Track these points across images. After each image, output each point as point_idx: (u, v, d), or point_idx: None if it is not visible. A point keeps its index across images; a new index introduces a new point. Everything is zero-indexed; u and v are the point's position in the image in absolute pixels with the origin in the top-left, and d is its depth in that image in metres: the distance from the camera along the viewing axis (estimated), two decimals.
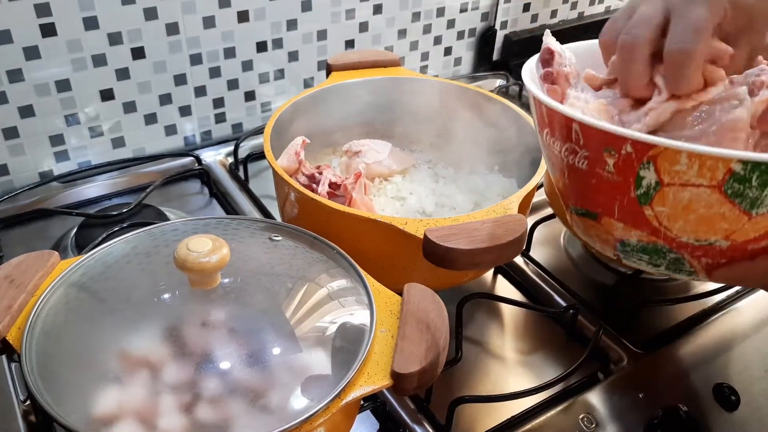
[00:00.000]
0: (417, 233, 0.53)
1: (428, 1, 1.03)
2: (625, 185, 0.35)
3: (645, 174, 0.34)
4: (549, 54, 0.45)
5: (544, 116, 0.40)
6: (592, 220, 0.40)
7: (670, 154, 0.33)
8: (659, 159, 0.33)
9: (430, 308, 0.47)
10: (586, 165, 0.37)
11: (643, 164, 0.34)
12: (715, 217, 0.34)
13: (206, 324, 0.45)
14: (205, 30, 0.86)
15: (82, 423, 0.39)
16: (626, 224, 0.38)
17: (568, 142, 0.38)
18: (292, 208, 0.63)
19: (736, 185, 0.32)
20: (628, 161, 0.34)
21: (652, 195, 0.35)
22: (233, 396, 0.41)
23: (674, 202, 0.34)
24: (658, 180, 0.34)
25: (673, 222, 0.35)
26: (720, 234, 0.35)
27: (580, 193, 0.40)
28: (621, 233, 0.38)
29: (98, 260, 0.51)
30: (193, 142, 0.94)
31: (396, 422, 0.56)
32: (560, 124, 0.38)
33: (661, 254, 0.38)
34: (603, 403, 0.57)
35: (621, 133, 0.34)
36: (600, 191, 0.38)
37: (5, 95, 0.77)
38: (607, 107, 0.42)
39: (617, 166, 0.35)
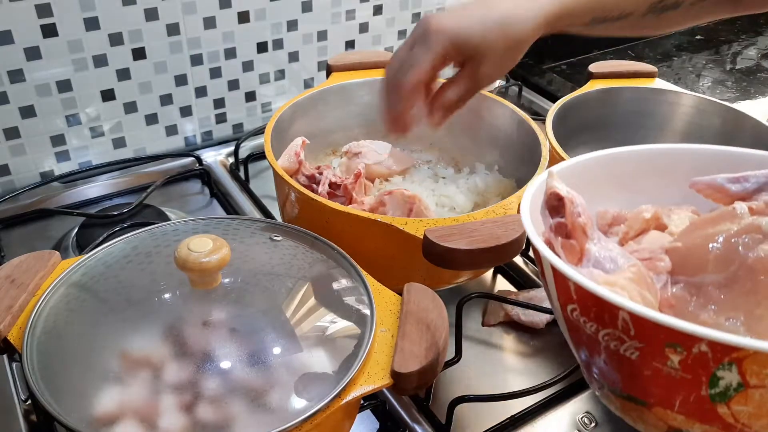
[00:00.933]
0: (417, 233, 0.53)
1: (428, 2, 1.03)
2: (695, 383, 0.30)
3: (724, 375, 0.29)
4: (558, 200, 0.37)
5: (571, 292, 0.33)
6: (640, 405, 0.34)
7: (761, 358, 0.27)
8: (746, 362, 0.28)
9: (430, 308, 0.47)
10: (638, 356, 0.31)
11: (723, 365, 0.28)
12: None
13: (207, 324, 0.45)
14: (205, 30, 0.86)
15: (83, 422, 0.39)
16: (689, 418, 0.32)
17: (611, 328, 0.31)
18: (292, 208, 0.63)
19: None
20: (701, 361, 0.29)
21: (731, 395, 0.29)
22: (234, 395, 0.41)
23: (761, 402, 0.29)
24: (741, 382, 0.29)
25: (755, 420, 0.30)
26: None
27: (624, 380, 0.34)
28: (680, 424, 0.33)
29: (99, 260, 0.51)
30: (193, 142, 0.94)
31: (396, 421, 0.56)
32: (599, 307, 0.31)
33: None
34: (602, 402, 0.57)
35: (694, 332, 0.28)
36: (657, 384, 0.32)
37: (6, 95, 0.77)
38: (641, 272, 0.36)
39: (685, 364, 0.29)
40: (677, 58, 1.26)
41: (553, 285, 0.34)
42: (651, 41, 1.32)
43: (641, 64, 0.84)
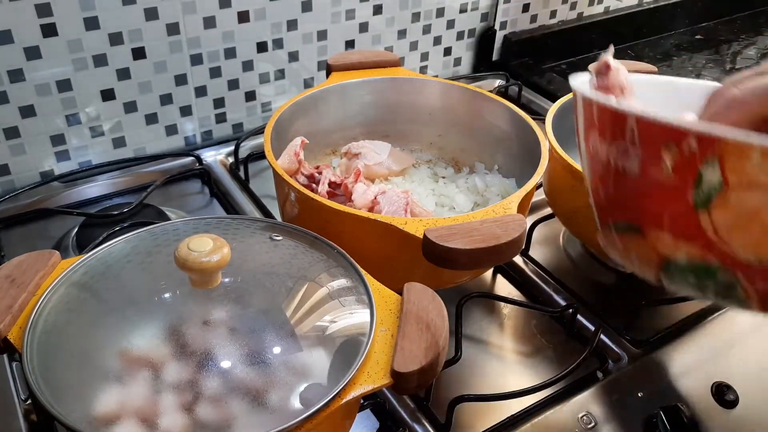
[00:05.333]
0: (417, 233, 0.53)
1: (428, 2, 1.03)
2: (682, 187, 0.32)
3: (707, 173, 0.30)
4: (606, 67, 0.43)
5: (593, 117, 0.36)
6: (636, 234, 0.36)
7: (739, 150, 0.29)
8: (726, 156, 0.29)
9: (429, 307, 0.47)
10: (638, 166, 0.33)
11: (707, 161, 0.30)
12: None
13: (207, 323, 0.45)
14: (205, 30, 0.86)
15: (83, 422, 0.39)
16: (675, 236, 0.34)
17: (620, 140, 0.34)
18: (292, 208, 0.63)
19: None
20: (689, 159, 0.31)
21: (712, 199, 0.31)
22: (234, 395, 0.41)
23: (738, 208, 0.30)
24: (722, 180, 0.30)
25: (733, 233, 0.31)
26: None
27: (625, 202, 0.36)
28: (668, 248, 0.34)
29: (99, 260, 0.51)
30: (193, 142, 0.94)
31: (396, 421, 0.56)
32: (612, 122, 0.34)
33: (711, 275, 0.33)
34: (602, 402, 0.58)
35: (685, 126, 0.30)
36: (650, 196, 0.34)
37: (6, 95, 0.77)
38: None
39: (676, 165, 0.31)
40: (677, 57, 1.26)
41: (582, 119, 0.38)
42: (651, 41, 1.32)
43: (641, 63, 0.84)
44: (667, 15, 1.35)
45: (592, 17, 1.27)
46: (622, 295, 0.70)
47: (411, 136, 0.82)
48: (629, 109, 0.33)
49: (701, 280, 0.34)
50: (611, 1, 1.28)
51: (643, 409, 0.57)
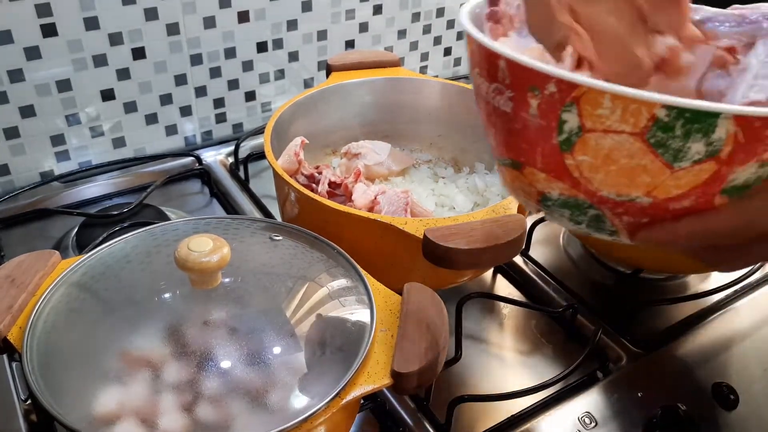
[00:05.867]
0: (417, 233, 0.53)
1: (428, 2, 1.03)
2: (548, 130, 0.33)
3: (568, 118, 0.32)
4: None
5: (474, 52, 0.37)
6: (516, 170, 0.38)
7: (593, 96, 0.30)
8: (582, 101, 0.31)
9: (429, 308, 0.47)
10: (511, 107, 0.35)
11: (566, 106, 0.31)
12: (636, 168, 0.32)
13: (207, 323, 0.45)
14: (205, 30, 0.86)
15: (83, 422, 0.39)
16: (548, 175, 0.35)
17: (494, 81, 0.35)
18: (292, 208, 0.63)
19: (659, 134, 0.30)
20: (551, 102, 0.32)
21: (573, 141, 0.33)
22: (234, 395, 0.41)
23: (596, 150, 0.32)
24: (580, 125, 0.32)
25: (593, 173, 0.33)
26: (641, 189, 0.33)
27: (505, 140, 0.38)
28: (543, 185, 0.36)
29: (99, 260, 0.51)
30: (193, 142, 0.94)
31: (396, 421, 0.56)
32: (488, 60, 0.35)
33: (581, 210, 0.36)
34: (602, 402, 0.58)
35: (545, 71, 0.31)
36: (523, 137, 0.35)
37: (6, 95, 0.77)
38: (545, 54, 0.40)
39: (540, 108, 0.33)
40: None
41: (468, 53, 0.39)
42: None
43: None
44: None
45: None
46: (622, 295, 0.70)
47: (411, 136, 0.82)
48: (500, 50, 0.34)
49: (574, 213, 0.36)
50: None
51: (643, 409, 0.57)
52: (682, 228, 0.33)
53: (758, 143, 0.30)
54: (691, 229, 0.33)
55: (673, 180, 0.32)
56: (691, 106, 0.29)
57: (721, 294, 0.69)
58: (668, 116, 0.30)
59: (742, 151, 0.30)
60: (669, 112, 0.30)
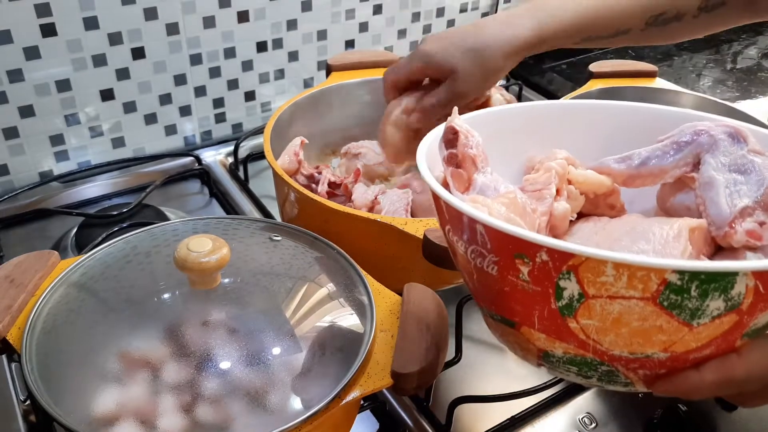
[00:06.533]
0: (417, 233, 0.53)
1: (428, 1, 1.03)
2: (544, 296, 0.31)
3: (566, 285, 0.30)
4: (453, 134, 0.40)
5: (444, 212, 0.35)
6: (510, 327, 0.35)
7: (593, 264, 0.28)
8: (581, 269, 0.29)
9: (430, 308, 0.47)
10: (497, 271, 0.32)
11: (563, 274, 0.29)
12: (651, 329, 0.30)
13: (206, 324, 0.45)
14: (205, 30, 0.86)
15: (82, 423, 0.39)
16: (549, 336, 0.33)
17: (474, 244, 0.33)
18: (291, 208, 0.63)
19: (673, 297, 0.28)
20: (544, 270, 0.30)
21: (576, 307, 0.30)
22: (233, 396, 0.41)
23: (602, 315, 0.30)
24: (581, 292, 0.29)
25: (603, 335, 0.31)
26: (658, 347, 0.31)
27: (493, 299, 0.35)
28: (544, 344, 0.34)
29: (98, 260, 0.51)
30: (193, 142, 0.94)
31: (396, 422, 0.56)
32: (463, 224, 0.33)
33: (591, 367, 0.33)
34: (602, 402, 0.57)
35: (533, 240, 0.29)
36: (516, 300, 0.33)
37: (5, 95, 0.77)
38: (516, 198, 0.38)
39: (533, 275, 0.30)
40: (678, 57, 1.26)
41: (435, 209, 0.37)
42: None
43: (642, 63, 0.84)
44: None
45: None
46: None
47: None
48: (477, 216, 0.31)
49: (582, 369, 0.34)
50: None
51: (643, 409, 0.57)
52: (705, 378, 0.31)
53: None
54: (715, 378, 0.31)
55: (692, 335, 0.30)
56: (705, 268, 0.27)
57: None
58: (681, 279, 0.28)
59: (763, 300, 0.29)
60: (682, 275, 0.28)
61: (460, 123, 0.40)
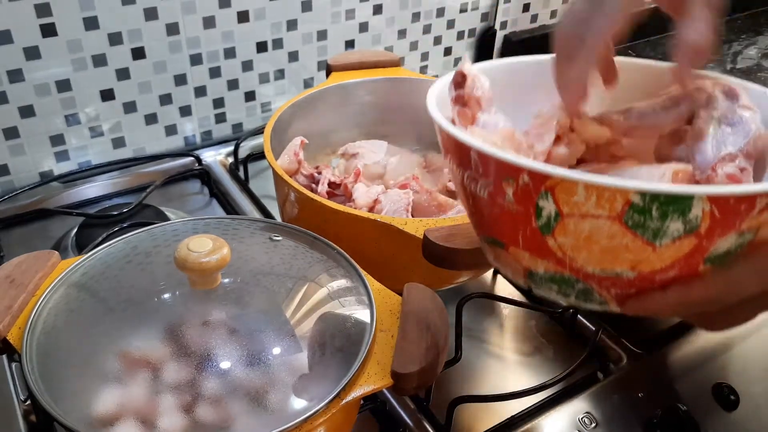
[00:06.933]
0: (417, 233, 0.53)
1: (428, 2, 1.03)
2: (526, 215, 0.34)
3: (544, 204, 0.33)
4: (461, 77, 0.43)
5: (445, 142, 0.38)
6: (501, 248, 0.38)
7: (566, 185, 0.31)
8: (557, 190, 0.32)
9: (430, 308, 0.47)
10: (487, 194, 0.36)
11: (541, 195, 0.32)
12: (618, 248, 0.33)
13: (207, 324, 0.45)
14: (205, 30, 0.86)
15: (82, 423, 0.39)
16: (532, 254, 0.36)
17: (468, 170, 0.36)
18: (292, 208, 0.63)
19: (636, 216, 0.31)
20: (526, 191, 0.33)
21: (553, 226, 0.33)
22: (234, 396, 0.41)
23: (576, 233, 0.33)
24: (557, 211, 0.32)
25: (577, 253, 0.34)
26: (626, 265, 0.33)
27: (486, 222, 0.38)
28: (528, 263, 0.37)
29: (99, 260, 0.51)
30: (193, 142, 0.94)
31: (396, 422, 0.56)
32: (459, 151, 0.36)
33: (569, 284, 0.36)
34: (602, 402, 0.58)
35: (515, 163, 0.33)
36: (503, 221, 0.36)
37: (5, 95, 0.77)
38: (515, 135, 0.41)
39: (516, 196, 0.34)
40: None
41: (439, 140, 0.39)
42: (651, 41, 1.32)
43: None
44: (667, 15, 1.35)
45: None
46: None
47: (411, 136, 0.82)
48: (469, 142, 0.35)
49: (562, 288, 0.37)
50: None
51: (643, 409, 0.57)
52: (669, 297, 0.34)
53: (735, 217, 0.30)
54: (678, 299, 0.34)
55: (656, 255, 0.32)
56: (663, 191, 0.30)
57: None
58: (642, 200, 0.30)
59: (719, 226, 0.31)
60: (643, 197, 0.30)
61: (470, 68, 0.43)
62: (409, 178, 0.69)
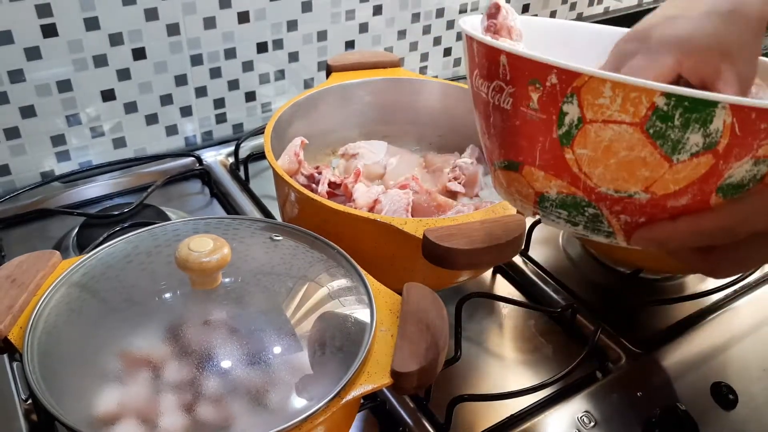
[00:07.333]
0: (416, 233, 0.53)
1: (428, 2, 1.03)
2: (548, 124, 0.34)
3: (568, 109, 0.33)
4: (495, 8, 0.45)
5: (474, 54, 0.38)
6: (514, 171, 0.38)
7: (594, 85, 0.31)
8: (583, 90, 0.32)
9: (429, 308, 0.47)
10: (511, 104, 0.36)
11: (567, 97, 0.32)
12: (635, 161, 0.33)
13: (207, 324, 0.45)
14: (205, 31, 0.86)
15: (83, 422, 0.39)
16: (547, 172, 0.36)
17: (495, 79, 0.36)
18: (292, 208, 0.63)
19: (658, 123, 0.31)
20: (552, 94, 0.33)
21: (573, 134, 0.33)
22: (234, 395, 0.41)
23: (595, 142, 0.33)
24: (580, 116, 0.32)
25: (593, 167, 0.34)
26: (640, 184, 0.33)
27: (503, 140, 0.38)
28: (541, 184, 0.37)
29: (99, 260, 0.51)
30: (193, 142, 0.94)
31: (396, 421, 0.56)
32: (488, 59, 0.36)
33: (579, 209, 0.36)
34: (601, 401, 0.58)
35: (546, 61, 0.32)
36: (523, 134, 0.36)
37: (6, 95, 0.77)
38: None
39: (541, 101, 0.34)
40: None
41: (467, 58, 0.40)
42: None
43: None
44: None
45: (592, 17, 1.27)
46: (622, 295, 0.70)
47: (411, 136, 0.82)
48: (499, 45, 0.35)
49: (571, 213, 0.37)
50: (611, 1, 1.28)
51: (642, 409, 0.57)
52: (679, 227, 0.34)
53: (754, 136, 0.30)
54: (688, 229, 0.34)
55: (672, 174, 0.32)
56: (690, 94, 0.30)
57: (720, 294, 0.69)
58: (667, 105, 0.30)
59: (738, 145, 0.31)
60: (668, 100, 0.30)
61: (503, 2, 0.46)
62: (408, 178, 0.69)
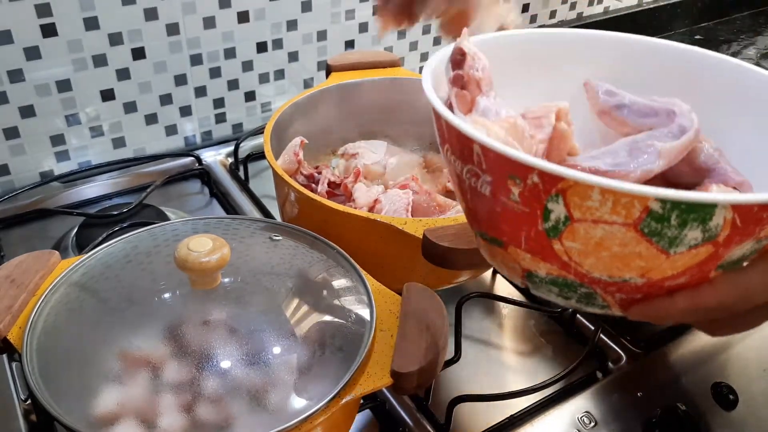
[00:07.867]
0: (416, 233, 0.53)
1: None
2: (532, 217, 0.32)
3: (553, 207, 0.31)
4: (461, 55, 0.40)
5: (444, 131, 0.36)
6: (499, 247, 0.36)
7: (580, 189, 0.29)
8: (569, 193, 0.30)
9: (429, 308, 0.47)
10: (490, 191, 0.33)
11: (551, 197, 0.30)
12: (630, 255, 0.31)
13: (207, 324, 0.45)
14: (205, 30, 0.86)
15: (82, 422, 0.39)
16: (534, 256, 0.34)
17: (469, 164, 0.34)
18: (291, 208, 0.63)
19: (654, 224, 0.29)
20: (534, 192, 0.31)
21: (561, 230, 0.31)
22: (233, 395, 0.41)
23: (586, 238, 0.31)
24: (567, 215, 0.30)
25: (584, 258, 0.32)
26: (635, 272, 0.32)
27: (484, 219, 0.36)
28: (528, 264, 0.35)
29: (99, 260, 0.51)
30: (193, 142, 0.94)
31: (396, 421, 0.56)
32: (461, 143, 0.34)
33: (572, 288, 0.35)
34: (601, 402, 0.58)
35: (526, 162, 0.30)
36: (505, 220, 0.34)
37: (6, 95, 0.77)
38: (516, 123, 0.38)
39: (523, 196, 0.31)
40: None
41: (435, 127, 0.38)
42: None
43: None
44: (667, 15, 1.35)
45: (592, 17, 1.27)
46: None
47: (411, 136, 0.82)
48: (475, 136, 0.32)
49: (563, 291, 0.35)
50: (611, 1, 1.28)
51: (642, 409, 0.57)
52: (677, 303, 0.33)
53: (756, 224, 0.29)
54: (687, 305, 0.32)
55: (669, 263, 0.31)
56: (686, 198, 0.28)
57: None
58: (663, 208, 0.29)
59: (739, 234, 0.30)
60: (663, 204, 0.29)
61: (469, 45, 0.40)
62: (408, 178, 0.69)
